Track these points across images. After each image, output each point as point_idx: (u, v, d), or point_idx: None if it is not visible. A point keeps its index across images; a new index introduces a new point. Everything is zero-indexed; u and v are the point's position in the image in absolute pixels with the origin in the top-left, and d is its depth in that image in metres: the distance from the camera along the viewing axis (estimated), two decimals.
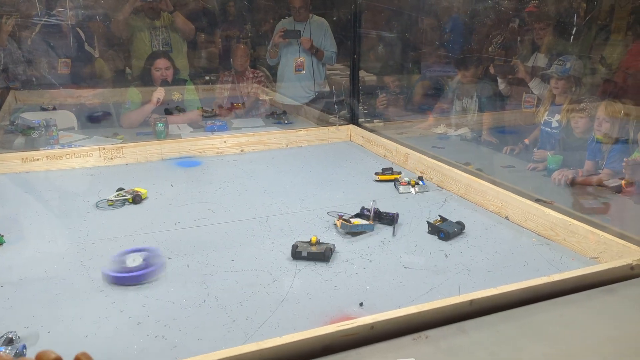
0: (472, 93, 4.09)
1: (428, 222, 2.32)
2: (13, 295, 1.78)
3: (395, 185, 2.86)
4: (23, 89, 4.42)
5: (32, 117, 3.53)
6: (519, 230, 2.37)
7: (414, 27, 5.25)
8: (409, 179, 2.85)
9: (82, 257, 2.05)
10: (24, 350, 1.48)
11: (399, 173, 3.02)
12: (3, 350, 1.45)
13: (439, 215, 2.37)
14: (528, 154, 3.53)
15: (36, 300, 1.76)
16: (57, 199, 2.67)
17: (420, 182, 2.85)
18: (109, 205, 2.56)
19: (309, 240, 2.12)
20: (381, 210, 2.42)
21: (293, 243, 2.11)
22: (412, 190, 2.78)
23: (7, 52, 4.21)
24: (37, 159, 3.03)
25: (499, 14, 4.74)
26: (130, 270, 1.89)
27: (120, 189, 2.65)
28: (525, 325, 1.51)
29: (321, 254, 2.05)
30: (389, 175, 3.00)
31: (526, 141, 3.64)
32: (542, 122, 3.49)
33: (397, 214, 2.41)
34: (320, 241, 2.13)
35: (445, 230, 2.26)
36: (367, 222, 2.33)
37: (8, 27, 4.15)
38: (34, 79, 4.37)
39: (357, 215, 2.41)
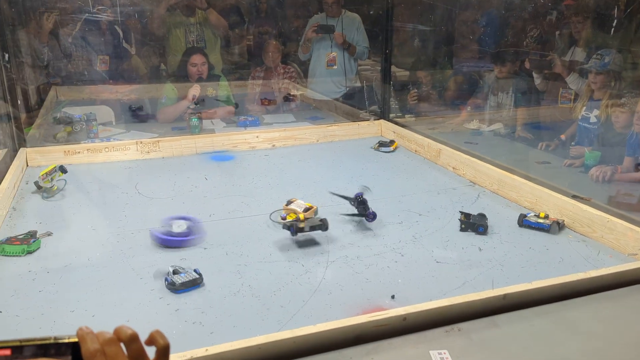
0: (508, 88, 4.03)
1: (460, 220, 2.31)
2: (59, 281, 1.86)
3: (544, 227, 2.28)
4: (63, 85, 4.56)
5: (74, 111, 3.64)
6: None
7: (448, 22, 5.20)
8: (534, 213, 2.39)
9: (122, 246, 2.12)
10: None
11: (394, 142, 3.48)
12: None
13: (461, 212, 2.35)
14: (564, 150, 3.46)
15: (80, 285, 1.84)
16: (97, 190, 2.76)
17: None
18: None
19: (296, 218, 2.23)
20: (365, 203, 2.35)
21: (284, 224, 2.17)
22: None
23: (48, 49, 4.34)
24: (79, 152, 3.13)
25: (536, 7, 4.64)
26: (175, 235, 2.11)
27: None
28: (560, 320, 1.50)
29: (321, 225, 2.15)
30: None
31: (562, 137, 3.57)
32: (580, 118, 3.42)
33: (374, 215, 2.30)
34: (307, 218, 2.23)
35: (483, 224, 2.25)
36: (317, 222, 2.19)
37: (49, 24, 4.28)
38: (85, 73, 4.49)
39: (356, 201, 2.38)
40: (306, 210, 2.33)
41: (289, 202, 2.42)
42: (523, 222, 2.32)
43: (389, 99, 4.01)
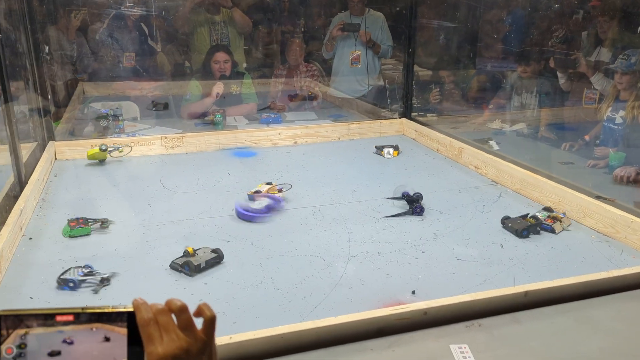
0: (532, 88, 3.99)
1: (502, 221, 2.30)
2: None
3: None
4: (90, 81, 4.66)
5: (100, 107, 3.72)
6: (577, 226, 2.32)
7: (472, 20, 5.17)
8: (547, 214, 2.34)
9: (148, 238, 2.17)
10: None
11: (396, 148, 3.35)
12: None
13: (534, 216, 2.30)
14: (588, 150, 3.42)
15: (107, 274, 1.88)
16: (124, 183, 2.82)
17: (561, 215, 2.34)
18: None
19: (182, 254, 1.95)
20: (414, 200, 2.47)
21: (175, 263, 1.91)
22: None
23: (76, 45, 4.43)
24: None
25: (562, 7, 4.59)
26: (253, 210, 2.33)
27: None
28: (582, 318, 1.50)
29: (218, 257, 1.96)
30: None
31: (586, 137, 3.53)
32: (605, 118, 3.38)
33: (422, 209, 2.43)
34: (196, 249, 1.98)
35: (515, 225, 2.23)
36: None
37: (77, 21, 4.38)
38: (112, 69, 4.58)
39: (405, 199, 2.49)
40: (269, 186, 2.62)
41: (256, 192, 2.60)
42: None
43: (411, 98, 4.01)
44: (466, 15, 5.15)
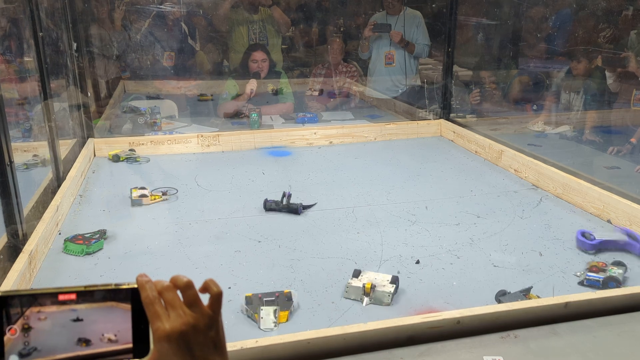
0: (578, 89, 3.84)
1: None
2: (118, 267, 1.93)
3: None
4: (131, 79, 4.75)
5: (140, 104, 3.78)
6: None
7: (514, 19, 5.02)
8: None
9: (180, 236, 2.18)
10: None
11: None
12: None
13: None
14: (636, 155, 3.27)
15: (139, 272, 1.89)
16: (160, 181, 2.85)
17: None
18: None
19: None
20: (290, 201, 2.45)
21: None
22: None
23: (118, 42, 4.52)
24: (143, 144, 3.25)
25: (609, 3, 4.40)
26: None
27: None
28: (626, 333, 1.42)
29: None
30: None
31: (633, 140, 3.37)
32: None
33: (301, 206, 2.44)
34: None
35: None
36: None
37: (121, 11, 4.45)
38: (152, 68, 4.66)
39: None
40: None
41: None
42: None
43: (450, 99, 3.92)
44: (508, 13, 5.01)
